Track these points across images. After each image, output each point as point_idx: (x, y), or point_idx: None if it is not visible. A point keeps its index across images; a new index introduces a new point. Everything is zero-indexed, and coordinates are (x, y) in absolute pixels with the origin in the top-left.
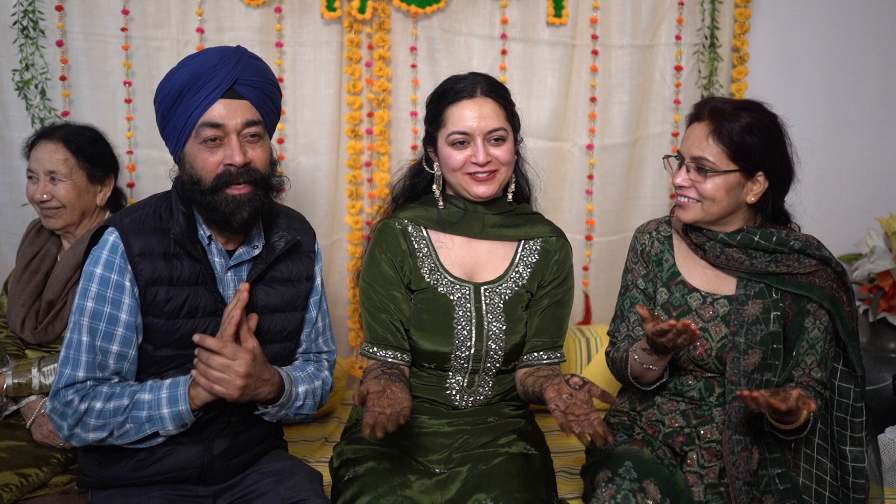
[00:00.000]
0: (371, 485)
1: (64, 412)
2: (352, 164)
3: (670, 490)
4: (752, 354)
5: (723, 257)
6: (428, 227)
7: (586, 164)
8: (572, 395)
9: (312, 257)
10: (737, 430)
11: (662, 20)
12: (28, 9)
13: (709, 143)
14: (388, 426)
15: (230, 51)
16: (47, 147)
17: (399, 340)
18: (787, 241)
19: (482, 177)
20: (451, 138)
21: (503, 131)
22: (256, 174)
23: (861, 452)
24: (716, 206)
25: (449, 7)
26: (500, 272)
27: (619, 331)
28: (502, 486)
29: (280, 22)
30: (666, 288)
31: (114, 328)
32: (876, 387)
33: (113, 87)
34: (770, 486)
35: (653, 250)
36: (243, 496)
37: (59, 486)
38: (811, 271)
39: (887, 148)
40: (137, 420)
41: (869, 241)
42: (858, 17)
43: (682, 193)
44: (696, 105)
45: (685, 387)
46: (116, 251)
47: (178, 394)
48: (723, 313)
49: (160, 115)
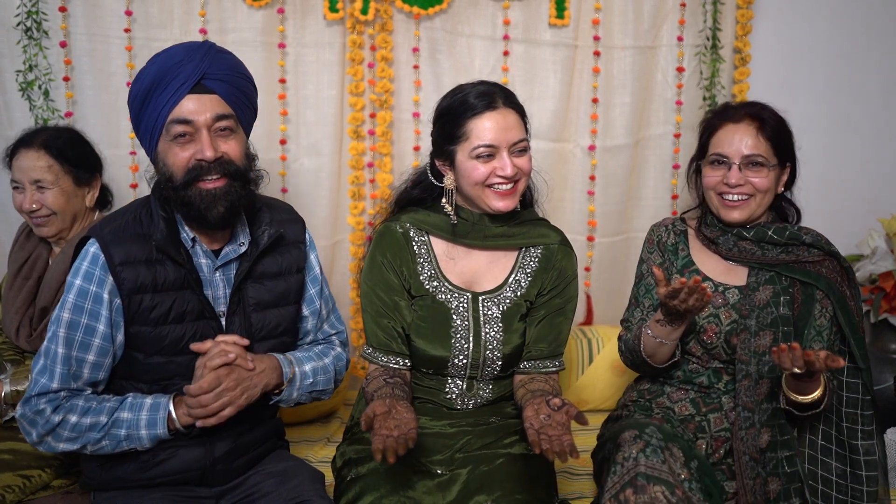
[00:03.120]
0: (373, 485)
1: (34, 420)
2: (354, 165)
3: (693, 456)
4: (762, 336)
5: (735, 250)
6: (430, 232)
7: (588, 165)
8: (550, 417)
9: (302, 248)
10: (746, 407)
11: (664, 21)
12: (31, 10)
13: (759, 140)
14: (399, 450)
15: (196, 45)
16: (29, 155)
17: (400, 346)
18: (799, 235)
19: (505, 190)
20: (476, 152)
21: (525, 142)
22: (231, 166)
23: (872, 446)
24: (767, 199)
25: (451, 8)
26: (500, 281)
27: (634, 316)
28: (503, 488)
29: (283, 23)
30: (679, 275)
31: (90, 339)
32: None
33: (116, 87)
34: (777, 469)
35: (669, 241)
36: (246, 497)
37: (61, 487)
38: (818, 260)
39: (889, 149)
40: (115, 438)
41: (870, 242)
42: (860, 18)
43: (735, 192)
44: (722, 110)
45: (694, 374)
46: (97, 262)
47: (157, 418)
48: (733, 301)
49: (133, 115)
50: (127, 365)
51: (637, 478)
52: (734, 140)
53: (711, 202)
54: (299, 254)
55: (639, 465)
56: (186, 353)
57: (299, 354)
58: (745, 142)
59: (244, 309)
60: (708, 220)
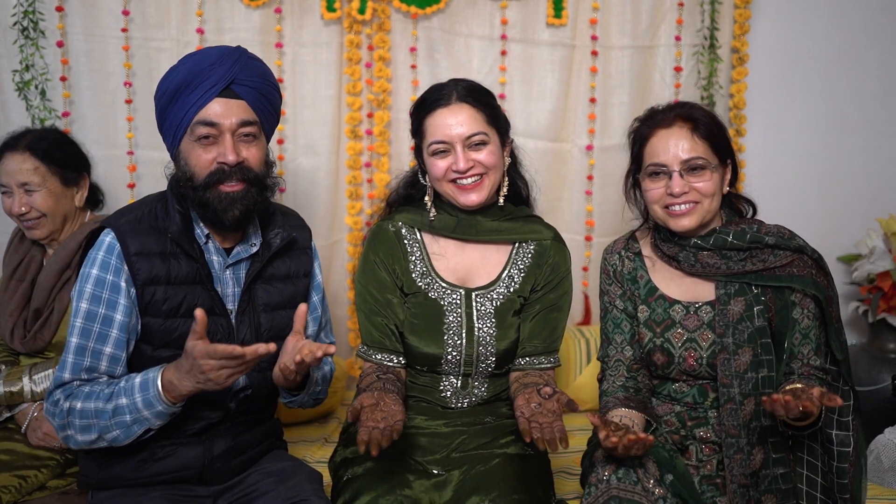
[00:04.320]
0: (370, 485)
1: (53, 412)
2: (351, 165)
3: (671, 471)
4: (742, 354)
5: (698, 266)
6: (422, 230)
7: (586, 164)
8: (541, 405)
9: (309, 254)
10: (729, 433)
11: (662, 21)
12: (28, 9)
13: (695, 141)
14: (383, 442)
15: (229, 50)
16: (14, 158)
17: (394, 344)
18: (761, 237)
19: (467, 184)
20: (431, 148)
21: (483, 135)
22: (250, 173)
23: (847, 437)
24: (714, 202)
25: (449, 8)
26: (493, 277)
27: (609, 355)
28: (500, 488)
29: (280, 23)
30: (646, 305)
31: (108, 329)
32: (875, 387)
33: (113, 87)
34: (772, 486)
35: (625, 269)
36: (244, 496)
37: (57, 488)
38: (787, 262)
39: (887, 148)
40: (123, 425)
41: (868, 241)
42: (858, 17)
43: (680, 201)
44: (649, 116)
45: (679, 394)
46: (112, 252)
47: (149, 396)
48: (708, 320)
49: (158, 111)
50: (133, 357)
51: (610, 501)
52: (669, 146)
53: (657, 216)
54: (307, 259)
55: (611, 489)
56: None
57: None
58: (681, 145)
59: (254, 309)
60: (661, 234)
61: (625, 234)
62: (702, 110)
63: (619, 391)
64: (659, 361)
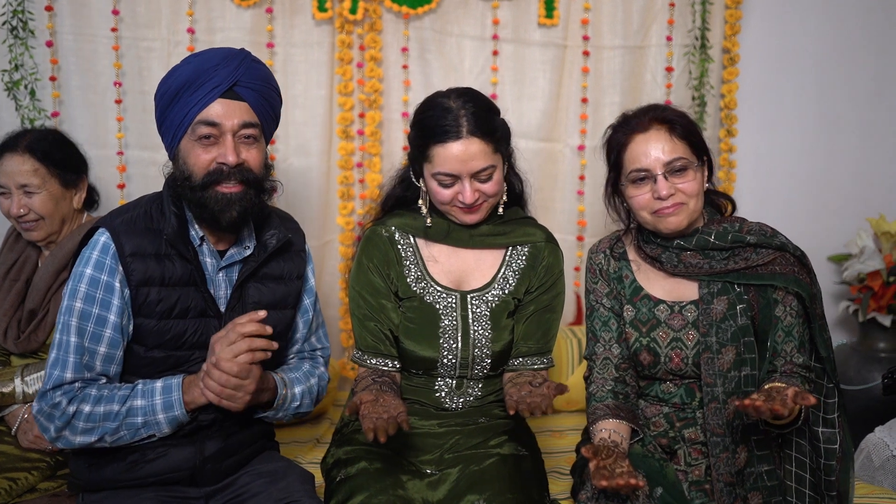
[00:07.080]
0: (363, 485)
1: (51, 414)
2: (343, 165)
3: (661, 481)
4: (725, 353)
5: (680, 266)
6: (416, 235)
7: (578, 164)
8: (531, 392)
9: (303, 257)
10: (714, 432)
11: (653, 21)
12: (17, 9)
13: (675, 142)
14: (389, 429)
15: (233, 52)
16: (14, 159)
17: (388, 348)
18: (743, 237)
19: (469, 207)
20: (437, 177)
21: (491, 168)
22: (249, 174)
23: (833, 434)
24: (700, 201)
25: (440, 8)
26: (488, 279)
27: (596, 353)
28: (494, 487)
29: (271, 22)
30: (631, 305)
31: (102, 329)
32: (865, 386)
33: (103, 87)
34: (757, 483)
35: (610, 268)
36: (235, 497)
37: (47, 490)
38: (769, 260)
39: (878, 149)
40: (132, 427)
41: (859, 241)
42: (849, 18)
43: (667, 204)
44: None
45: (666, 394)
46: (107, 252)
47: (172, 399)
48: (692, 319)
49: (159, 110)
50: (126, 357)
51: None
52: (650, 150)
53: (646, 221)
54: (301, 262)
55: None
56: (186, 348)
57: (292, 375)
58: (662, 148)
59: (243, 307)
60: (644, 236)
61: (610, 234)
62: (674, 111)
63: (609, 397)
64: (645, 361)
